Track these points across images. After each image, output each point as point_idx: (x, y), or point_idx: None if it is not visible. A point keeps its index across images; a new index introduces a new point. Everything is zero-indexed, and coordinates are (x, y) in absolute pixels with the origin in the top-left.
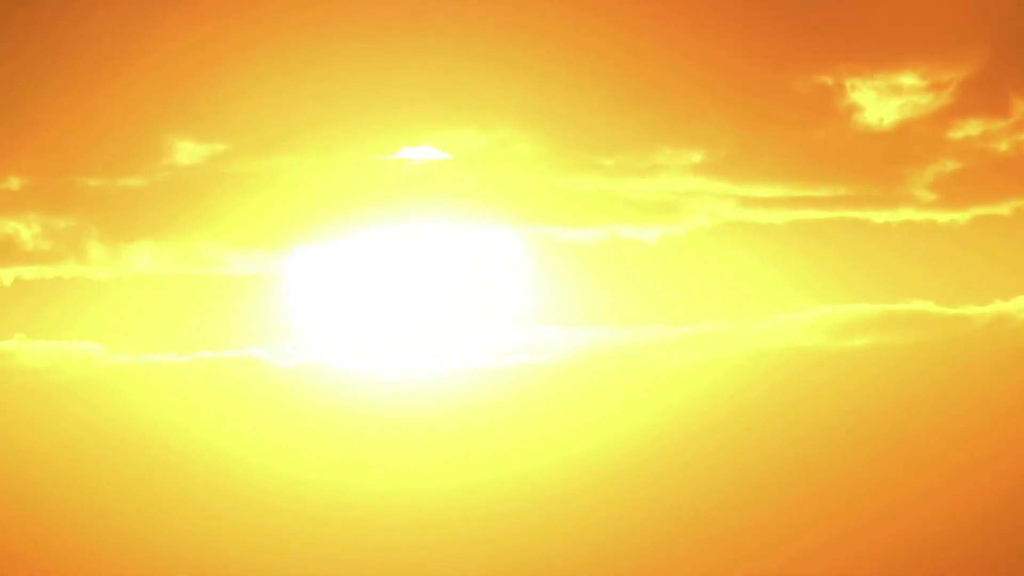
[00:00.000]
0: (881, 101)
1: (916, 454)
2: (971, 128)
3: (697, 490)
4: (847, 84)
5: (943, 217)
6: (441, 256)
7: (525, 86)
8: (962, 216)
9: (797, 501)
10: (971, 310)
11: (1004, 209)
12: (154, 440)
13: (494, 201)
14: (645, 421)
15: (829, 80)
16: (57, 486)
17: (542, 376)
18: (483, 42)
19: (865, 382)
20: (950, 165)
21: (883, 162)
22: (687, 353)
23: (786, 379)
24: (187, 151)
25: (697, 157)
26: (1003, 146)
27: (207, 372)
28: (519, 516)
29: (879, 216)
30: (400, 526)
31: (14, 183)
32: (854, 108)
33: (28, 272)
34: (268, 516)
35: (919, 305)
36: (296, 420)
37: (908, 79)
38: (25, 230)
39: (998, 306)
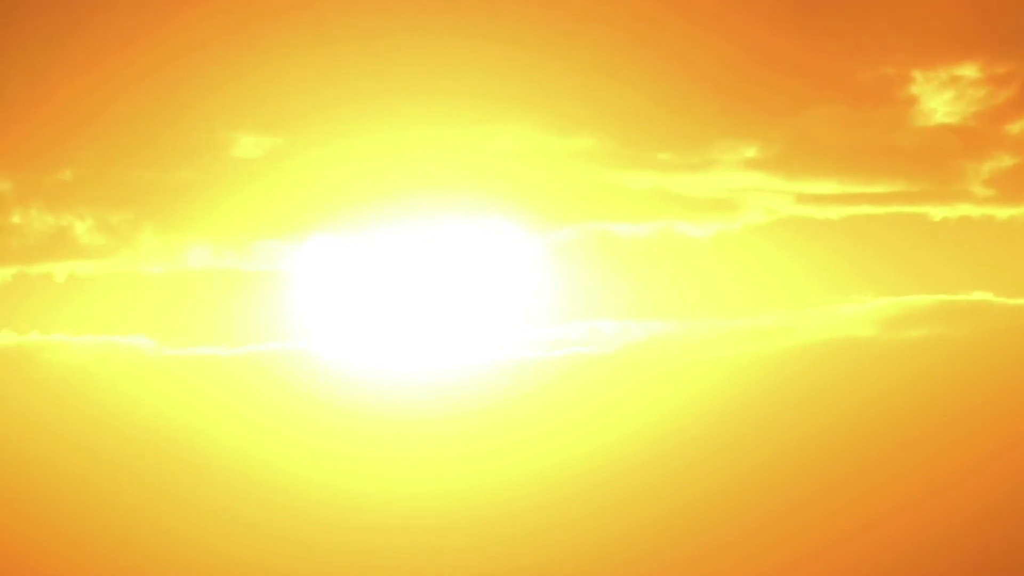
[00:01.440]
0: (939, 94)
1: (975, 442)
2: None
3: (755, 478)
4: (907, 75)
5: (1002, 212)
6: (496, 250)
7: (581, 82)
8: (1021, 211)
9: (856, 488)
10: None
11: None
12: (195, 433)
13: (550, 196)
14: (698, 411)
15: (890, 71)
16: (104, 478)
17: (595, 367)
18: (538, 37)
19: (923, 372)
20: (1007, 160)
21: (940, 157)
22: (742, 345)
23: (843, 369)
24: (243, 145)
25: (752, 152)
26: None
27: (254, 365)
28: (573, 503)
29: (936, 212)
30: (458, 516)
31: (68, 176)
32: (912, 101)
33: (81, 266)
34: (316, 507)
35: (978, 296)
36: (343, 413)
37: (968, 71)
38: (79, 223)
39: None
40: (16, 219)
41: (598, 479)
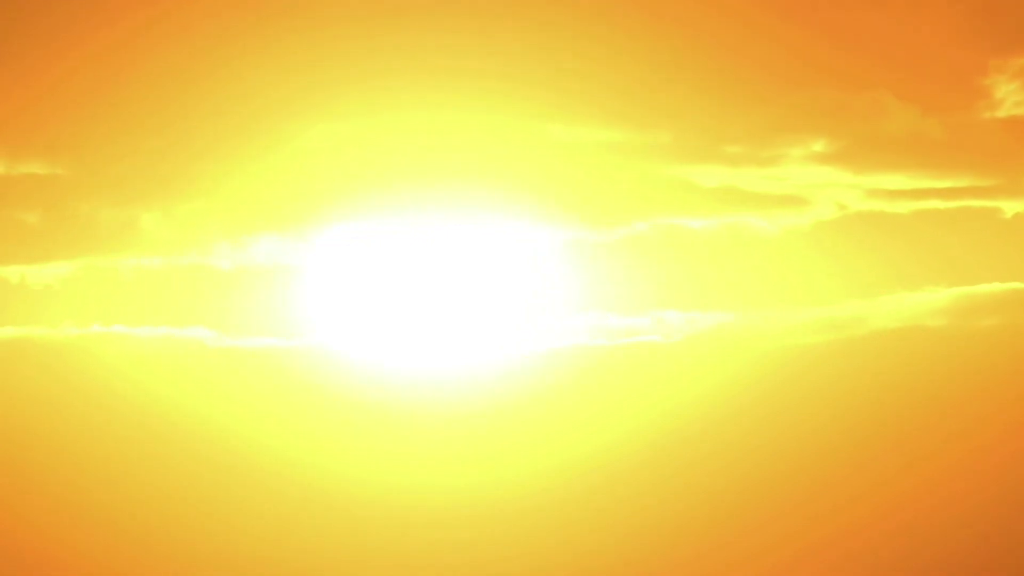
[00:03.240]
0: (1008, 84)
1: None
2: None
3: (826, 462)
4: (982, 64)
5: None
6: (568, 242)
7: (652, 78)
8: None
9: (929, 472)
10: None
11: None
12: (240, 422)
13: (621, 190)
14: (764, 398)
15: (964, 60)
16: (157, 465)
17: (661, 354)
18: (610, 34)
19: (994, 360)
20: None
21: (1010, 150)
22: (812, 334)
23: (914, 357)
24: (310, 137)
25: (820, 146)
26: None
27: (307, 357)
28: (640, 484)
29: (1008, 207)
30: (539, 495)
31: (134, 168)
32: (984, 92)
33: (146, 260)
34: (372, 503)
35: None
36: (398, 403)
37: None
38: (146, 215)
39: None
40: (84, 209)
41: (665, 460)
